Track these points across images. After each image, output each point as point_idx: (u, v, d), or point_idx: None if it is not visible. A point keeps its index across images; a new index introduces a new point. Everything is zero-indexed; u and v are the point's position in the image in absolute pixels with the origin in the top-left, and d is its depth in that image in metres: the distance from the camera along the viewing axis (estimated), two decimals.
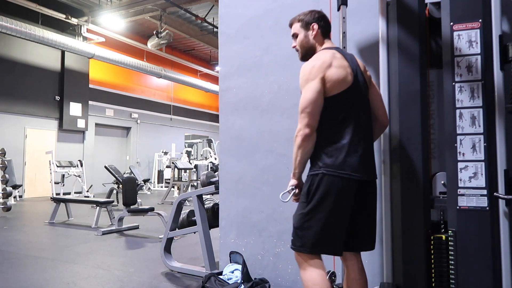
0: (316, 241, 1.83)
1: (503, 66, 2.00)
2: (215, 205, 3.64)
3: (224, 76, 3.31)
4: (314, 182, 1.85)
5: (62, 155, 11.54)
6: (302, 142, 1.83)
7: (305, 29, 2.04)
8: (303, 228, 1.86)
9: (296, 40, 2.08)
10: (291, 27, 2.11)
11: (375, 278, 2.52)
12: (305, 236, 1.85)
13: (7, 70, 10.48)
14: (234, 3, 3.28)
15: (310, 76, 1.86)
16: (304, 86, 1.88)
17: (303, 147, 1.84)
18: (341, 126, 1.88)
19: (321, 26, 2.03)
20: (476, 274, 1.98)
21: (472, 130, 2.02)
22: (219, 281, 2.91)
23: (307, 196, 1.86)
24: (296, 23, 2.07)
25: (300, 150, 1.85)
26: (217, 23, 9.13)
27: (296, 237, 1.89)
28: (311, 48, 2.03)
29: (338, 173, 1.83)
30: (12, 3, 9.72)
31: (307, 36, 2.03)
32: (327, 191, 1.82)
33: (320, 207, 1.83)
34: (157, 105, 15.77)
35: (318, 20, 2.03)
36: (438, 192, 2.22)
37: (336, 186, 1.82)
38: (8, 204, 7.13)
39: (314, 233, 1.83)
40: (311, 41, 2.03)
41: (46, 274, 3.45)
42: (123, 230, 5.57)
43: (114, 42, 12.86)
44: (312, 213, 1.83)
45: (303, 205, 1.88)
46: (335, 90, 1.87)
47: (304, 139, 1.83)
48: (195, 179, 10.71)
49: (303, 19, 2.04)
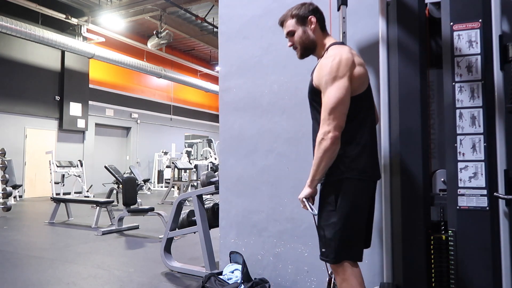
0: (353, 248, 1.78)
1: (503, 66, 1.99)
2: (215, 205, 3.64)
3: (224, 76, 3.31)
4: (340, 189, 1.76)
5: (62, 155, 11.54)
6: (331, 145, 1.68)
7: (302, 24, 1.90)
8: (336, 239, 1.75)
9: (292, 38, 1.95)
10: (283, 25, 1.97)
11: (375, 278, 2.52)
12: (340, 246, 1.75)
13: (7, 70, 10.48)
14: (234, 3, 3.28)
15: (339, 73, 1.71)
16: (331, 84, 1.71)
17: (331, 151, 1.70)
18: (362, 127, 1.82)
19: (318, 19, 1.91)
20: (476, 274, 1.98)
21: (472, 130, 2.02)
22: (219, 281, 2.91)
23: (335, 204, 1.76)
24: (289, 19, 1.93)
25: (327, 155, 1.70)
26: (217, 23, 9.14)
27: (329, 248, 1.77)
28: (312, 44, 1.91)
29: (362, 177, 1.78)
30: (12, 3, 9.73)
31: (306, 31, 1.90)
32: (355, 197, 1.77)
33: (350, 214, 1.76)
34: (157, 105, 15.78)
35: (314, 12, 1.90)
36: (438, 189, 2.22)
37: (362, 190, 1.80)
38: (8, 204, 7.13)
39: (350, 241, 1.76)
40: (311, 36, 1.89)
41: (46, 274, 3.45)
42: (123, 230, 5.57)
43: (114, 42, 12.86)
44: (343, 221, 1.75)
45: (331, 213, 1.77)
46: (360, 89, 1.80)
47: (333, 142, 1.68)
48: (195, 179, 10.71)
49: (297, 13, 1.90)
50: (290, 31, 1.94)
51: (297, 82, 2.90)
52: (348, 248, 1.77)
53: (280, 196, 2.94)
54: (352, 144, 1.79)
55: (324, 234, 1.79)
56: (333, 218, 1.76)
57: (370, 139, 1.85)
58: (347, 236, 1.76)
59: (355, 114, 1.79)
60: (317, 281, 2.74)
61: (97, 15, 11.42)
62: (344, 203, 1.75)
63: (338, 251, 1.75)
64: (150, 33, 12.55)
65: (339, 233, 1.75)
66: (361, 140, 1.80)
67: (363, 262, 2.57)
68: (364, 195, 1.82)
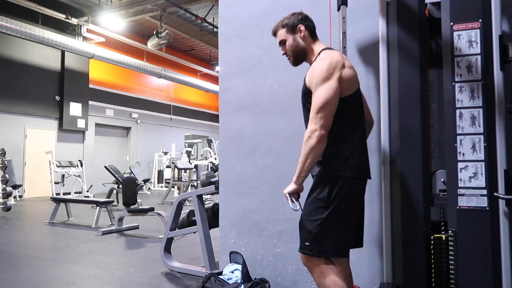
0: (339, 244, 1.83)
1: (503, 66, 2.00)
2: (215, 205, 3.64)
3: (224, 76, 3.31)
4: (334, 186, 1.81)
5: (62, 155, 11.54)
6: (317, 143, 1.75)
7: (292, 33, 1.99)
8: (324, 234, 1.80)
9: (284, 47, 2.04)
10: (276, 35, 2.07)
11: (375, 278, 2.52)
12: (326, 241, 1.81)
13: (7, 70, 10.48)
14: (234, 3, 3.28)
15: (328, 74, 1.79)
16: (320, 85, 1.80)
17: (317, 149, 1.77)
18: (354, 127, 1.89)
19: (307, 26, 1.99)
20: (476, 274, 1.98)
21: (472, 130, 2.02)
22: (219, 281, 2.91)
23: (327, 201, 1.81)
24: (280, 29, 2.03)
25: (313, 152, 1.76)
26: (217, 23, 9.14)
27: (314, 243, 1.82)
28: (303, 51, 2.00)
29: (355, 175, 1.84)
30: (12, 3, 9.72)
31: (296, 39, 1.99)
32: (347, 195, 1.82)
33: (341, 211, 1.81)
34: (157, 105, 15.78)
35: (303, 21, 1.99)
36: (438, 190, 2.22)
37: (354, 188, 1.85)
38: (8, 204, 7.13)
39: (337, 237, 1.82)
40: (301, 43, 1.99)
41: (46, 274, 3.45)
42: (123, 230, 5.57)
43: (114, 42, 12.86)
44: (333, 218, 1.80)
45: (320, 210, 1.82)
46: (350, 90, 1.86)
47: (319, 141, 1.76)
48: (195, 179, 10.71)
49: (287, 23, 2.00)
50: (282, 40, 2.04)
51: (297, 82, 2.90)
52: (335, 243, 1.82)
53: (280, 196, 2.94)
54: (345, 143, 1.85)
55: (309, 229, 1.84)
56: (322, 214, 1.81)
57: (362, 139, 1.92)
58: (336, 232, 1.81)
59: (347, 114, 1.86)
60: None
61: (97, 15, 11.42)
62: (337, 201, 1.80)
63: (324, 245, 1.81)
64: (150, 33, 12.54)
65: (327, 229, 1.80)
66: (354, 139, 1.87)
67: (363, 262, 2.58)
68: (355, 194, 1.87)
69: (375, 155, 2.56)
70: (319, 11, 2.77)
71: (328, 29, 2.64)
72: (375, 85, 2.59)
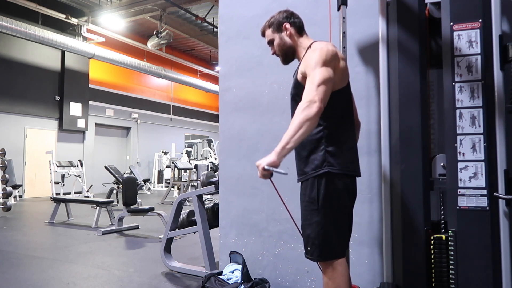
0: (334, 245, 1.79)
1: (503, 66, 2.00)
2: (215, 205, 3.64)
3: (224, 76, 3.31)
4: (321, 184, 1.77)
5: (62, 155, 11.54)
6: (315, 115, 1.62)
7: (278, 32, 1.99)
8: (320, 237, 1.77)
9: (273, 47, 2.03)
10: (264, 36, 2.07)
11: (375, 278, 2.52)
12: (323, 243, 1.77)
13: (7, 70, 10.48)
14: (234, 3, 3.28)
15: (327, 58, 1.74)
16: (320, 67, 1.72)
17: (313, 121, 1.63)
18: (343, 123, 1.86)
19: (293, 23, 1.98)
20: (476, 274, 1.98)
21: (472, 130, 2.02)
22: (219, 281, 2.91)
23: (317, 201, 1.77)
24: (267, 29, 2.03)
25: (308, 123, 1.61)
26: (217, 23, 9.13)
27: (313, 247, 1.79)
28: (290, 48, 1.98)
29: (345, 172, 1.80)
30: (12, 3, 9.72)
31: (282, 38, 1.98)
32: (337, 192, 1.78)
33: (334, 210, 1.78)
34: (157, 105, 15.78)
35: (288, 19, 1.98)
36: (437, 174, 2.22)
37: (344, 185, 1.80)
38: (8, 204, 7.13)
39: (332, 238, 1.78)
40: (287, 41, 1.97)
41: (46, 274, 3.45)
42: (123, 230, 5.57)
43: (114, 42, 12.86)
44: (326, 218, 1.77)
45: (313, 212, 1.78)
46: (342, 83, 1.84)
47: (318, 113, 1.63)
48: (195, 179, 10.71)
49: (273, 22, 2.00)
50: (270, 40, 2.04)
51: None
52: (332, 245, 1.79)
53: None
54: (333, 139, 1.81)
55: (308, 234, 1.81)
56: (316, 217, 1.78)
57: (351, 136, 1.89)
58: (331, 234, 1.78)
59: (336, 109, 1.82)
60: (317, 281, 2.74)
61: (97, 15, 11.41)
62: (327, 201, 1.77)
63: (322, 248, 1.78)
64: (150, 33, 12.54)
65: (322, 232, 1.77)
66: (342, 136, 1.84)
67: (363, 262, 2.58)
68: (349, 191, 1.83)
69: (375, 155, 2.56)
70: (319, 11, 2.77)
71: (328, 29, 2.64)
72: (375, 85, 2.59)
